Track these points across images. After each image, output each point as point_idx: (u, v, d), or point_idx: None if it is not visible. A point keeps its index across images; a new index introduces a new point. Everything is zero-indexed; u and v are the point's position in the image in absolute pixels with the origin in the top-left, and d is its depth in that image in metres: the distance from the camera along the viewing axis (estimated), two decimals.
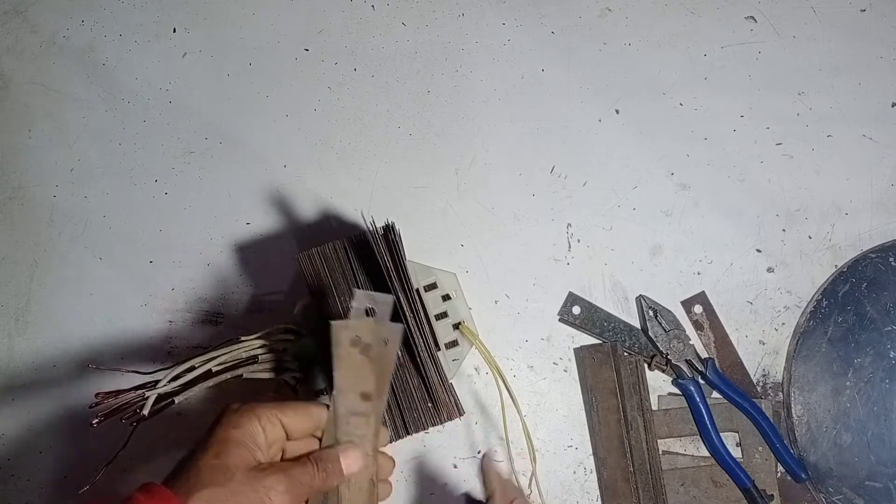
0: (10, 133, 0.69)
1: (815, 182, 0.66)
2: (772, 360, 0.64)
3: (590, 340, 0.65)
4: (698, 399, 0.61)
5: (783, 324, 0.64)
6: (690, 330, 0.64)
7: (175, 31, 0.70)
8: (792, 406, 0.62)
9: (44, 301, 0.66)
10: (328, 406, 0.47)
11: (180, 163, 0.68)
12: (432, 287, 0.61)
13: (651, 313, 0.63)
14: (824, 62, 0.68)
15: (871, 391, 0.61)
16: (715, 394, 0.62)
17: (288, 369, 0.56)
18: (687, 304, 0.65)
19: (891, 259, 0.63)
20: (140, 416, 0.49)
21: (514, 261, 0.66)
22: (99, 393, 0.48)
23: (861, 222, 0.65)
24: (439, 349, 0.60)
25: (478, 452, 0.63)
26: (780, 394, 0.63)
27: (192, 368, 0.51)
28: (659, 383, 0.64)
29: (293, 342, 0.58)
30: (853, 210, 0.65)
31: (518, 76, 0.69)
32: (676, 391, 0.63)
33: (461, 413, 0.56)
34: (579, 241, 0.66)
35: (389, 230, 0.56)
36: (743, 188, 0.66)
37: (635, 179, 0.67)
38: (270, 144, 0.68)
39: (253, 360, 0.54)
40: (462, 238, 0.66)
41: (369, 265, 0.57)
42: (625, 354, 0.63)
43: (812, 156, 0.66)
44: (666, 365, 0.63)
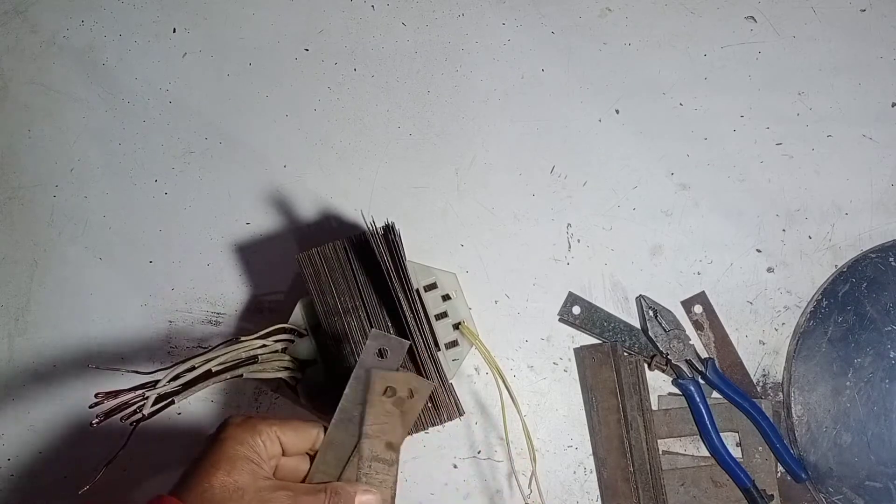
0: (10, 133, 0.69)
1: (815, 182, 0.66)
2: (772, 360, 0.64)
3: (590, 340, 0.65)
4: (698, 399, 0.61)
5: (783, 324, 0.64)
6: (690, 330, 0.64)
7: (175, 32, 0.70)
8: (792, 406, 0.62)
9: (44, 301, 0.66)
10: (325, 427, 0.48)
11: (180, 163, 0.68)
12: (432, 287, 0.61)
13: (651, 313, 0.63)
14: (824, 62, 0.68)
15: (871, 391, 0.61)
16: (715, 394, 0.63)
17: (288, 369, 0.56)
18: (687, 304, 0.65)
19: (891, 259, 0.63)
20: (140, 416, 0.49)
21: (514, 261, 0.66)
22: (99, 393, 0.48)
23: (861, 222, 0.65)
24: (439, 349, 0.60)
25: (478, 452, 0.63)
26: (780, 394, 0.63)
27: (192, 368, 0.51)
28: (659, 383, 0.64)
29: (293, 342, 0.58)
30: (853, 210, 0.65)
31: (518, 76, 0.69)
32: (676, 391, 0.63)
33: (461, 413, 0.56)
34: (579, 241, 0.66)
35: (389, 230, 0.56)
36: (743, 188, 0.66)
37: (635, 179, 0.67)
38: (270, 144, 0.68)
39: (253, 360, 0.54)
40: (462, 238, 0.66)
41: (369, 265, 0.57)
42: (625, 354, 0.63)
43: (812, 156, 0.66)
44: (666, 365, 0.63)
